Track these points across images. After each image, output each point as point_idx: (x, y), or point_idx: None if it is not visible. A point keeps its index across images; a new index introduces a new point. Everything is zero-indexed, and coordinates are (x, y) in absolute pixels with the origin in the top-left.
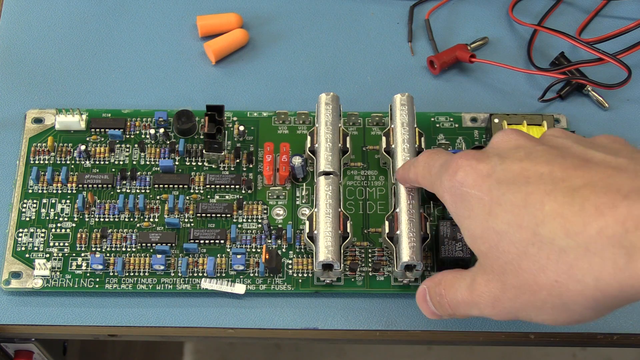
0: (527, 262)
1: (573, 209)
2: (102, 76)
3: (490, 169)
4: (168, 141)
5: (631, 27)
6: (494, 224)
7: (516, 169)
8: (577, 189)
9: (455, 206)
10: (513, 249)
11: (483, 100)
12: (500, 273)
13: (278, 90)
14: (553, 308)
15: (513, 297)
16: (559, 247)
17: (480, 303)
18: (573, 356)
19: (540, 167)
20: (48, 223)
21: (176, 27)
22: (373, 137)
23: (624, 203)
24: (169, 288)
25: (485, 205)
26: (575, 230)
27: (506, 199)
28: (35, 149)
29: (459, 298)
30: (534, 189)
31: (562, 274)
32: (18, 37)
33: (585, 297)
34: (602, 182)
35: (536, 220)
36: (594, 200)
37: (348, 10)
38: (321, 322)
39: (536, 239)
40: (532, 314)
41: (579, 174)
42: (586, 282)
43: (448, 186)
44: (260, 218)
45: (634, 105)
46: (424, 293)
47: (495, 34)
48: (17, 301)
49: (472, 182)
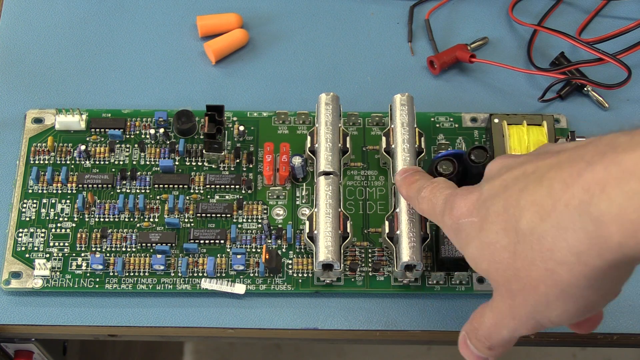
0: (520, 261)
1: (542, 192)
2: (102, 76)
3: (478, 194)
4: (168, 141)
5: (631, 27)
6: (485, 238)
7: (497, 183)
8: (545, 173)
9: (458, 240)
10: (505, 254)
11: (483, 100)
12: (506, 282)
13: (278, 90)
14: (557, 299)
15: (523, 301)
16: (538, 234)
17: (503, 319)
18: (573, 356)
19: (515, 172)
20: (48, 223)
21: (176, 27)
22: (373, 137)
23: (588, 169)
24: (169, 288)
25: (476, 226)
26: (547, 212)
27: (490, 212)
28: (35, 149)
29: (488, 324)
30: (511, 192)
31: (548, 260)
32: (18, 37)
33: (576, 276)
34: (568, 159)
35: (515, 218)
36: (560, 177)
37: (348, 10)
38: (321, 322)
39: (519, 236)
40: (545, 312)
41: (547, 162)
42: (570, 261)
43: (449, 224)
44: (260, 218)
45: (634, 105)
46: (465, 339)
47: (495, 34)
48: (17, 301)
49: (466, 211)
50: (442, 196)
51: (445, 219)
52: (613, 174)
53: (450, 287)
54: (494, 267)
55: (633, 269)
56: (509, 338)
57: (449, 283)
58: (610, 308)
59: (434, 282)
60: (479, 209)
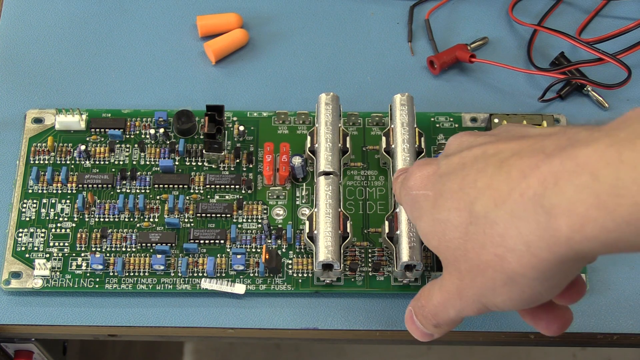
0: (471, 242)
1: (500, 178)
2: (102, 76)
3: (435, 168)
4: (168, 141)
5: (631, 27)
6: (438, 214)
7: (455, 160)
8: (505, 159)
9: (411, 212)
10: (457, 233)
11: (483, 100)
12: (455, 261)
13: (278, 90)
14: (503, 285)
15: (470, 282)
16: (491, 219)
17: (450, 298)
18: (573, 356)
19: (475, 150)
20: (48, 223)
21: (176, 27)
22: (373, 137)
23: (546, 162)
24: (169, 288)
25: (430, 201)
26: (502, 198)
27: (446, 188)
28: (35, 149)
29: (435, 302)
30: (469, 171)
31: (498, 246)
32: (18, 37)
33: (524, 266)
34: (529, 148)
35: (470, 199)
36: (519, 165)
37: (348, 10)
38: (321, 322)
39: (473, 218)
40: (490, 297)
41: (509, 147)
42: (519, 250)
43: (403, 195)
44: (260, 218)
45: (634, 105)
46: (411, 314)
47: (495, 34)
48: (17, 301)
49: (420, 183)
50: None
51: (402, 192)
52: (567, 168)
53: None
54: (444, 244)
55: (580, 267)
56: (455, 317)
57: None
58: (610, 308)
59: None
60: (434, 184)
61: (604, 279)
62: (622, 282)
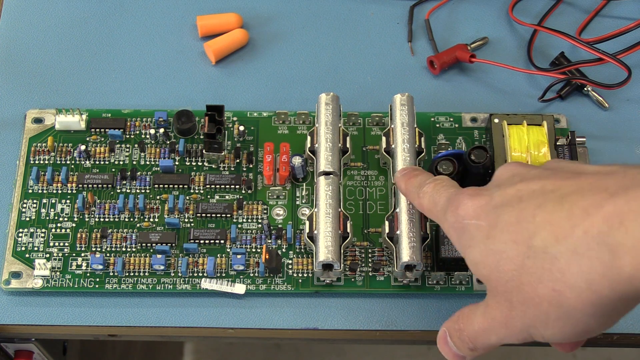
0: (526, 275)
1: (561, 215)
2: (102, 76)
3: (488, 199)
4: (168, 141)
5: (631, 27)
6: (492, 246)
7: (511, 192)
8: (565, 195)
9: (459, 240)
10: (512, 265)
11: (483, 100)
12: (506, 292)
13: (278, 90)
14: (557, 319)
15: (522, 314)
16: (551, 254)
17: (495, 326)
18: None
19: (532, 185)
20: (48, 223)
21: (176, 27)
22: (373, 137)
23: (610, 201)
24: (169, 288)
25: (483, 231)
26: (564, 234)
27: (501, 220)
28: (35, 149)
29: (476, 327)
30: (526, 204)
31: (557, 281)
32: (18, 37)
33: (583, 302)
34: (590, 186)
35: (529, 233)
36: (582, 203)
37: (348, 10)
38: (321, 322)
39: (530, 251)
40: (541, 329)
41: (568, 184)
42: (580, 287)
43: (452, 222)
44: (260, 218)
45: (634, 105)
46: (445, 335)
47: (495, 34)
48: (17, 301)
49: (472, 212)
50: (445, 193)
51: (448, 217)
52: (633, 208)
53: (450, 287)
54: (495, 275)
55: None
56: (495, 344)
57: (449, 283)
58: None
59: (434, 282)
60: (487, 214)
61: None
62: None
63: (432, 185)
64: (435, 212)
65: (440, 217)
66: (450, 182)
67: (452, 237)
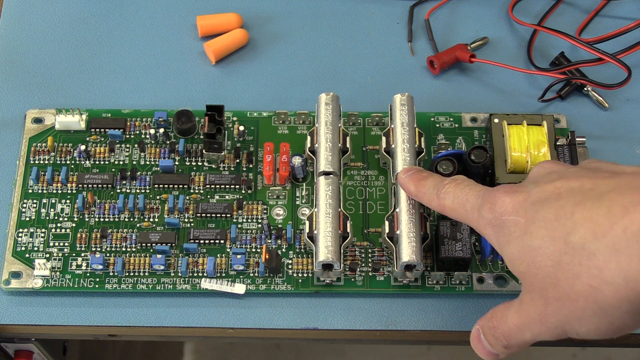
0: (563, 272)
1: (600, 212)
2: (102, 76)
3: (526, 195)
4: (168, 141)
5: (631, 27)
6: (529, 242)
7: (549, 189)
8: (604, 194)
9: (497, 236)
10: (549, 262)
11: (483, 100)
12: (541, 288)
13: (278, 90)
14: (593, 316)
15: (557, 310)
16: (589, 251)
17: (530, 323)
18: (573, 356)
19: (571, 183)
20: (48, 223)
21: (176, 27)
22: (373, 137)
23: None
24: (169, 288)
25: (521, 227)
26: (602, 231)
27: (539, 216)
28: (35, 149)
29: (511, 324)
30: (565, 202)
31: (594, 278)
32: (18, 37)
33: (620, 299)
34: (629, 184)
35: (567, 230)
36: (621, 201)
37: (348, 10)
38: (321, 322)
39: (568, 248)
40: (576, 325)
41: (607, 182)
42: (617, 283)
43: (489, 218)
44: (260, 218)
45: (634, 105)
46: (478, 333)
47: (495, 34)
48: (17, 301)
49: (511, 209)
50: (473, 192)
51: (485, 214)
52: None
53: (450, 287)
54: (532, 271)
55: None
56: (529, 341)
57: (449, 283)
58: None
59: (434, 282)
60: (526, 210)
61: None
62: None
63: (453, 185)
64: (464, 212)
65: (472, 215)
66: (471, 181)
67: (487, 234)
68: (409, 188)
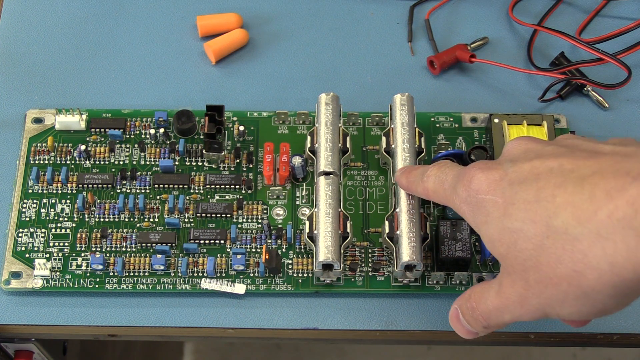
0: (545, 255)
1: (583, 197)
2: (102, 76)
3: (502, 173)
4: (168, 141)
5: (631, 27)
6: (509, 224)
7: (526, 168)
8: (586, 177)
9: (473, 215)
10: (529, 245)
11: (483, 100)
12: (522, 271)
13: (278, 90)
14: (576, 299)
15: (538, 293)
16: (573, 236)
17: (509, 305)
18: (573, 356)
19: (549, 162)
20: (48, 223)
21: (176, 27)
22: (373, 137)
23: (634, 184)
24: (169, 288)
25: (500, 208)
26: (586, 217)
27: (518, 197)
28: (35, 149)
29: (490, 306)
30: (544, 183)
31: (578, 262)
32: (18, 37)
33: (604, 283)
34: (610, 168)
35: (548, 213)
36: (603, 186)
37: (348, 10)
38: (321, 322)
39: (550, 232)
40: (557, 308)
41: (587, 164)
42: (602, 268)
43: (464, 196)
44: (260, 218)
45: (634, 105)
46: (457, 312)
47: (495, 34)
48: (17, 301)
49: (487, 187)
50: (453, 171)
51: (460, 191)
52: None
53: (450, 287)
54: (513, 253)
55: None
56: (508, 322)
57: (449, 283)
58: None
59: (434, 282)
60: (503, 190)
61: None
62: None
63: (436, 167)
64: (443, 191)
65: (449, 194)
66: (454, 163)
67: (464, 213)
68: (402, 181)
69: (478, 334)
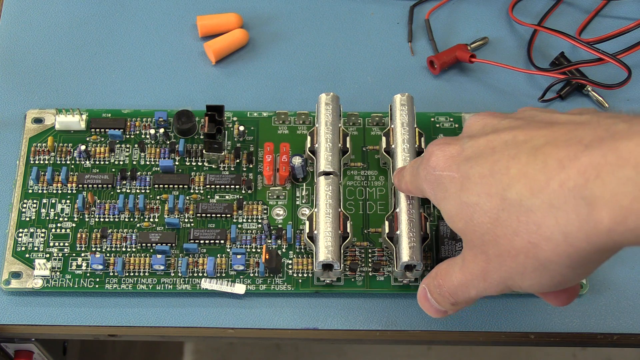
0: (501, 228)
1: (536, 167)
2: (102, 76)
3: (459, 149)
4: (168, 141)
5: (631, 27)
6: (466, 198)
7: (482, 143)
8: (539, 147)
9: (434, 192)
10: (486, 218)
11: (483, 100)
12: (482, 245)
13: (278, 90)
14: (534, 271)
15: (498, 266)
16: (527, 207)
17: (473, 280)
18: (573, 356)
19: (504, 135)
20: (48, 223)
21: (176, 27)
22: (373, 137)
23: (585, 153)
24: (169, 288)
25: (456, 183)
26: (539, 187)
27: (474, 172)
28: (35, 149)
29: (455, 282)
30: (499, 156)
31: (533, 234)
32: (18, 37)
33: (559, 254)
34: (564, 136)
35: (503, 185)
36: (556, 155)
37: (348, 10)
38: (321, 322)
39: (505, 204)
40: (518, 280)
41: (541, 134)
42: (556, 239)
43: (424, 175)
44: (260, 218)
45: (634, 105)
46: (424, 292)
47: (495, 34)
48: (17, 301)
49: (444, 164)
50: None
51: (421, 171)
52: (609, 160)
53: None
54: (471, 228)
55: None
56: (475, 297)
57: None
58: (610, 308)
59: None
60: (459, 165)
61: (604, 279)
62: (622, 282)
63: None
64: (411, 177)
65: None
66: None
67: (426, 191)
68: (395, 183)
69: (447, 313)
